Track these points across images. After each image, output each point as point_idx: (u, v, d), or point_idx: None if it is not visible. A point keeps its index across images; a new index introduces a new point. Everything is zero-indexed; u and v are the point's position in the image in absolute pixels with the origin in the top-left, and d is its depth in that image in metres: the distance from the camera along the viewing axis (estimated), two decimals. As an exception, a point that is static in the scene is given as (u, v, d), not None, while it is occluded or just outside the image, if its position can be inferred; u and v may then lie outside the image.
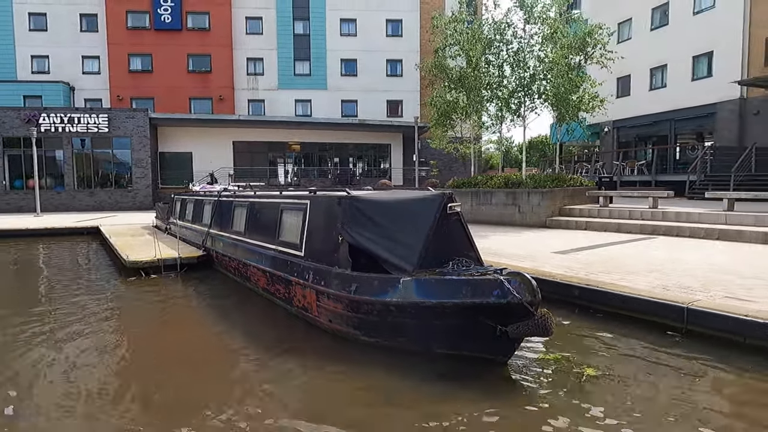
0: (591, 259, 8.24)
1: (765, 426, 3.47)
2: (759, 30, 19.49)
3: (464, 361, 4.38)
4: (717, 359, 4.55)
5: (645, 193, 13.47)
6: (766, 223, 10.25)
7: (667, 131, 24.43)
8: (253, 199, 8.00)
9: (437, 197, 4.82)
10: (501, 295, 3.99)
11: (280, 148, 31.45)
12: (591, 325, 5.72)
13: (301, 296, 5.77)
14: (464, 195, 15.51)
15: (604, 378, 4.20)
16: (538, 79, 14.24)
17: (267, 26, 32.78)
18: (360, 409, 3.84)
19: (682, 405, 3.77)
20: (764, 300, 5.34)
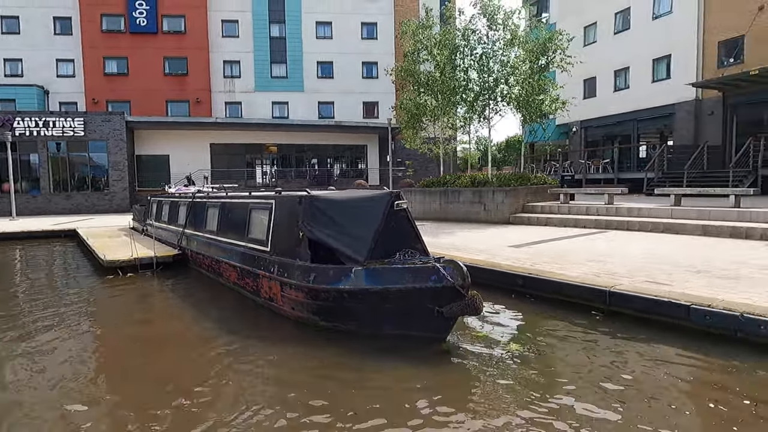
0: (541, 252, 8.94)
1: (659, 382, 4.11)
2: (712, 35, 20.57)
3: (409, 340, 4.98)
4: (628, 334, 5.23)
5: (601, 190, 14.28)
6: (706, 217, 11.08)
7: (630, 131, 25.49)
8: (225, 200, 8.50)
9: (385, 196, 5.41)
10: (437, 280, 4.61)
11: (258, 150, 31.78)
12: (526, 308, 6.39)
13: (267, 288, 6.31)
14: (433, 194, 16.18)
15: (526, 352, 4.84)
16: (501, 83, 14.95)
17: (243, 29, 33.05)
18: (319, 383, 4.39)
19: (591, 370, 4.43)
20: (678, 283, 6.06)
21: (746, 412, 3.60)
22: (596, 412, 3.63)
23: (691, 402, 3.81)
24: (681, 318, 5.16)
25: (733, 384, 4.05)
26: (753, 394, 3.86)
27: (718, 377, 4.20)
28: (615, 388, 4.02)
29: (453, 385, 4.23)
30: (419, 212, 16.59)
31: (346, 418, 3.63)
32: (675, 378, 4.19)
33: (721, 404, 3.71)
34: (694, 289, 5.72)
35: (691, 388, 4.05)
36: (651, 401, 3.77)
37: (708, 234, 10.23)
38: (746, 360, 4.42)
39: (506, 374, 4.36)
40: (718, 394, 3.89)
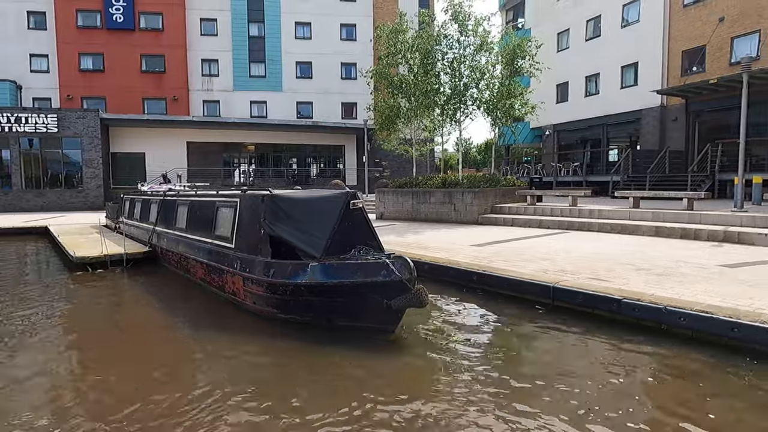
0: (500, 250, 9.35)
1: (587, 368, 4.50)
2: (676, 44, 21.36)
3: (361, 332, 5.30)
4: (565, 325, 5.63)
5: (566, 192, 14.80)
6: (660, 219, 11.64)
7: (600, 135, 26.25)
8: (194, 198, 8.70)
9: (342, 195, 5.72)
10: (386, 274, 4.94)
11: (236, 149, 31.78)
12: (476, 302, 6.77)
13: (231, 283, 6.57)
14: (405, 194, 16.54)
15: (467, 342, 5.20)
16: (471, 87, 15.38)
17: (222, 28, 33.00)
18: (277, 372, 4.69)
19: (524, 358, 4.81)
20: (618, 280, 6.49)
21: (651, 388, 4.01)
22: (524, 392, 3.99)
23: (611, 384, 4.20)
24: (614, 311, 5.59)
25: (642, 364, 4.47)
26: (661, 376, 4.28)
27: (637, 362, 4.61)
28: (542, 372, 4.40)
29: (399, 371, 4.56)
30: (392, 212, 16.95)
31: (299, 401, 3.93)
32: (600, 363, 4.59)
33: (630, 385, 4.11)
34: (630, 285, 6.16)
35: (613, 371, 4.44)
36: (577, 383, 4.15)
37: (660, 235, 10.76)
38: (662, 347, 4.84)
39: (447, 361, 4.71)
40: (632, 377, 4.29)
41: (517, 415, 3.63)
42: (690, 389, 4.09)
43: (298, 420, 3.60)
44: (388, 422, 3.54)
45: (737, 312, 4.80)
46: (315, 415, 3.66)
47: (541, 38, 28.98)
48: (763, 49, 17.82)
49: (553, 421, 3.50)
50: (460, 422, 3.54)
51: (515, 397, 3.93)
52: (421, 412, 3.68)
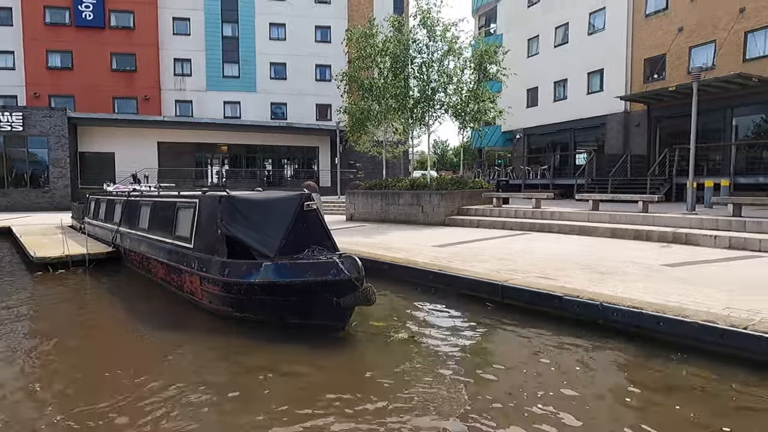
0: (460, 251, 9.62)
1: (526, 359, 4.76)
2: (639, 52, 22.10)
3: (312, 329, 5.47)
4: (511, 321, 5.91)
5: (530, 195, 15.21)
6: (616, 221, 12.09)
7: (569, 139, 26.93)
8: (156, 199, 8.75)
9: (296, 197, 5.89)
10: (336, 273, 5.12)
11: (208, 150, 31.54)
12: (431, 300, 7.01)
13: (189, 283, 6.67)
14: (375, 196, 16.75)
15: (412, 338, 5.41)
16: (439, 91, 15.69)
17: (195, 27, 32.73)
18: (229, 369, 4.82)
19: (464, 351, 5.05)
20: (564, 278, 6.80)
21: (576, 377, 4.28)
22: (467, 382, 4.23)
23: (540, 372, 4.46)
24: (556, 308, 5.88)
25: (573, 356, 4.75)
26: (590, 366, 4.57)
27: (569, 354, 4.90)
28: (478, 362, 4.65)
29: (345, 367, 4.75)
30: (362, 213, 17.14)
31: (250, 397, 4.09)
32: (533, 354, 4.86)
33: (557, 374, 4.39)
34: (574, 283, 6.47)
35: (543, 361, 4.71)
36: (516, 372, 4.40)
37: (615, 236, 11.19)
38: (593, 339, 5.14)
39: (394, 356, 4.92)
40: (561, 367, 4.57)
41: (451, 402, 3.85)
42: (611, 378, 4.38)
43: (248, 416, 3.75)
44: (333, 416, 3.71)
45: (664, 307, 5.13)
46: (264, 410, 3.81)
47: (512, 44, 29.76)
48: (719, 58, 18.60)
49: (482, 405, 3.74)
50: (400, 413, 3.75)
51: (450, 385, 4.16)
52: (364, 405, 3.88)
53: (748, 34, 17.71)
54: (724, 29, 18.21)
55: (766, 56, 17.15)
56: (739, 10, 17.72)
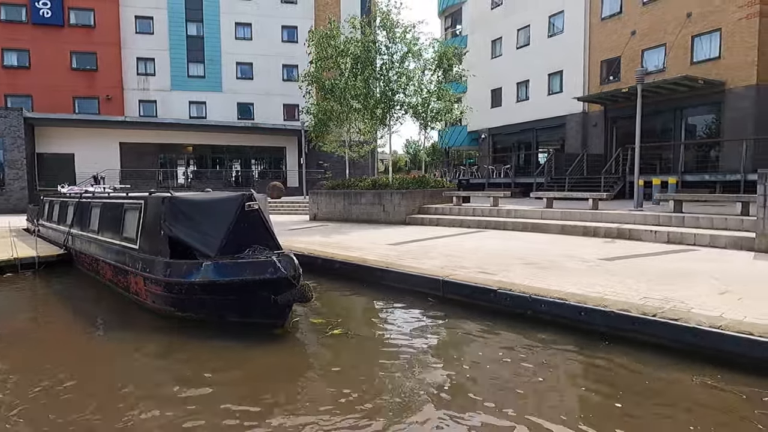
0: (413, 248, 9.83)
1: (461, 349, 4.98)
2: (596, 54, 22.81)
3: (252, 327, 5.58)
4: (448, 314, 6.13)
5: (488, 194, 15.57)
6: (567, 218, 12.50)
7: (531, 139, 27.57)
8: (106, 200, 8.69)
9: (237, 197, 5.99)
10: (273, 272, 5.25)
11: (173, 150, 31.08)
12: (377, 296, 7.20)
13: (134, 283, 6.69)
14: (337, 196, 16.87)
15: (346, 334, 5.55)
16: (399, 92, 15.92)
17: (158, 26, 32.18)
18: (173, 366, 4.91)
19: (397, 343, 5.24)
20: (503, 273, 7.06)
21: (502, 364, 4.53)
22: (403, 371, 4.41)
23: (467, 359, 4.69)
24: (491, 301, 6.13)
25: (498, 344, 5.01)
26: (516, 354, 4.82)
27: (495, 343, 5.15)
28: (413, 353, 4.85)
29: (281, 362, 4.89)
30: (325, 213, 17.24)
31: (189, 391, 4.20)
32: (463, 343, 5.10)
33: (484, 361, 4.63)
34: (512, 277, 6.73)
35: (471, 349, 4.94)
36: (446, 362, 4.61)
37: (565, 233, 11.59)
38: (523, 329, 5.40)
39: (331, 350, 5.09)
40: (487, 355, 4.82)
41: (382, 392, 4.04)
42: (532, 365, 4.63)
43: (186, 411, 3.84)
44: (267, 411, 3.84)
45: (586, 298, 5.43)
46: (203, 406, 3.92)
47: (476, 45, 30.33)
48: (669, 61, 19.35)
49: (410, 395, 3.93)
50: (330, 406, 3.91)
51: (380, 376, 4.34)
52: (295, 400, 4.03)
53: (694, 38, 18.49)
54: (673, 33, 18.97)
55: (711, 59, 17.94)
56: (686, 14, 18.48)
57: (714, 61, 17.87)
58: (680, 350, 4.50)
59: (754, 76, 16.61)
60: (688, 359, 4.40)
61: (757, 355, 4.10)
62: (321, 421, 3.56)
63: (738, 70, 17.04)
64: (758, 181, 8.54)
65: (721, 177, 15.97)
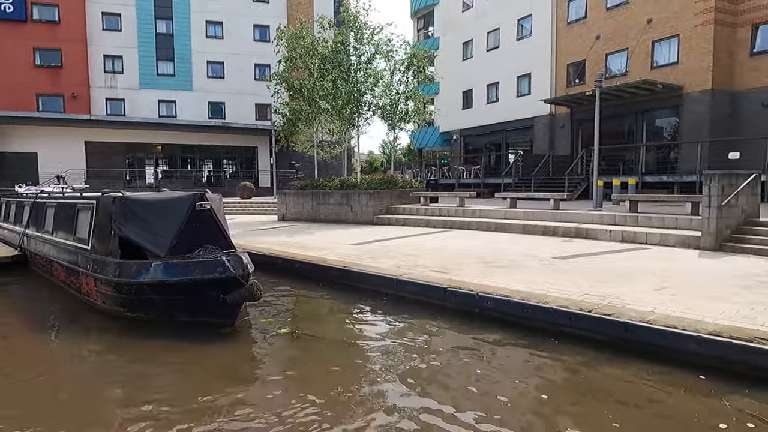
0: (375, 248, 9.93)
1: (407, 346, 5.08)
2: (562, 57, 23.30)
3: (201, 326, 5.59)
4: (399, 312, 6.25)
5: (454, 194, 15.78)
6: (529, 218, 12.75)
7: (501, 140, 27.99)
8: (61, 200, 8.55)
9: (188, 197, 5.98)
10: (222, 271, 5.28)
11: (141, 150, 30.56)
12: (332, 295, 7.26)
13: (85, 284, 6.61)
14: (306, 196, 16.87)
15: (292, 333, 5.60)
16: (366, 93, 16.00)
17: (126, 23, 31.59)
18: (124, 368, 4.87)
19: (344, 340, 5.33)
20: (458, 272, 7.20)
21: (447, 360, 4.65)
22: (344, 369, 4.49)
23: (412, 356, 4.80)
24: (442, 299, 6.27)
25: (445, 341, 5.14)
26: (460, 349, 4.95)
27: (443, 341, 5.28)
28: (356, 349, 4.94)
29: (230, 362, 4.92)
30: (293, 213, 17.21)
31: (143, 390, 4.23)
32: (408, 339, 5.20)
33: (429, 357, 4.74)
34: (465, 276, 6.88)
35: (416, 345, 5.05)
36: (388, 357, 4.71)
37: (527, 232, 11.83)
38: (469, 325, 5.55)
39: (276, 349, 5.14)
40: (433, 352, 4.94)
41: (322, 391, 4.11)
42: (476, 359, 4.77)
43: (134, 411, 3.85)
44: (208, 410, 3.86)
45: (529, 295, 5.60)
46: (150, 405, 3.92)
47: (448, 47, 30.66)
48: (630, 65, 19.91)
49: (350, 389, 4.02)
50: (273, 402, 3.97)
51: (322, 375, 4.42)
52: (237, 399, 4.07)
53: (654, 43, 19.07)
54: (635, 38, 19.52)
55: (669, 64, 18.53)
56: (646, 20, 19.05)
57: (672, 65, 18.46)
58: (614, 344, 4.69)
59: (709, 81, 17.23)
60: (622, 353, 4.58)
61: (679, 347, 4.31)
62: (259, 421, 3.61)
63: (694, 75, 17.65)
64: (704, 182, 8.91)
65: (678, 178, 16.52)
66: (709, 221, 8.73)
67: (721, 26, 17.16)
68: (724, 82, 17.39)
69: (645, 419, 3.63)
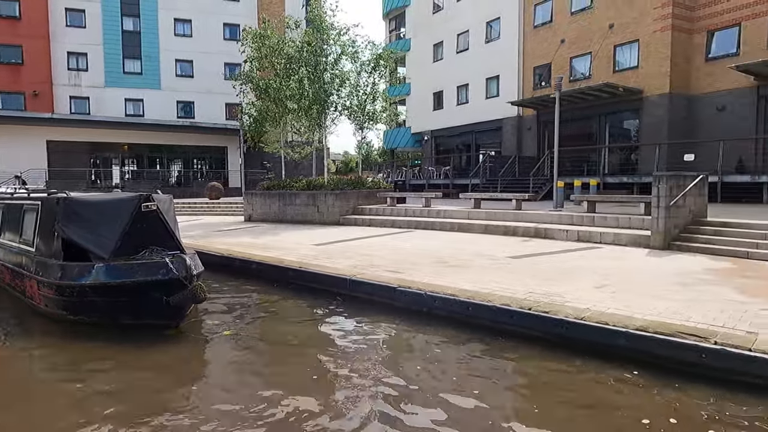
0: (335, 249, 9.94)
1: (358, 345, 5.11)
2: (529, 60, 23.70)
3: (145, 329, 5.51)
4: (351, 312, 6.28)
5: (420, 195, 15.90)
6: (491, 218, 12.91)
7: (471, 141, 28.30)
8: (8, 201, 8.31)
9: (134, 198, 5.89)
10: (165, 273, 5.22)
11: (106, 149, 29.88)
12: (286, 295, 7.25)
13: (29, 287, 6.45)
14: (273, 197, 16.76)
15: (235, 335, 5.59)
16: (332, 93, 15.99)
17: (91, 20, 30.85)
18: (65, 372, 4.78)
19: (290, 341, 5.33)
20: (411, 271, 7.26)
21: (391, 357, 4.70)
22: (283, 369, 4.49)
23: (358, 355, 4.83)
24: (392, 298, 6.32)
25: (389, 340, 5.19)
26: (406, 347, 5.01)
27: (386, 339, 5.33)
28: (298, 349, 4.95)
29: (171, 362, 4.87)
30: (260, 214, 17.08)
31: (83, 393, 4.17)
32: (353, 338, 5.24)
33: (374, 356, 4.79)
34: (417, 276, 6.94)
35: (364, 345, 5.09)
36: (337, 358, 4.73)
37: (488, 232, 11.99)
38: (418, 324, 5.61)
39: (218, 351, 5.11)
40: (377, 351, 4.98)
41: (263, 391, 4.11)
42: (416, 358, 4.83)
43: (74, 414, 3.79)
44: (148, 409, 3.83)
45: (475, 294, 5.70)
46: (88, 408, 3.87)
47: (419, 48, 30.87)
48: (594, 68, 20.38)
49: (289, 380, 4.03)
50: (212, 403, 3.94)
51: (262, 376, 4.41)
52: (174, 401, 4.03)
53: (616, 48, 19.57)
54: (598, 42, 20.00)
55: (630, 68, 19.05)
56: (609, 25, 19.53)
57: (633, 69, 18.98)
58: (553, 341, 4.81)
59: (667, 85, 17.77)
60: (560, 349, 4.69)
61: (610, 343, 4.45)
62: (193, 421, 3.59)
63: (653, 79, 18.17)
64: (653, 183, 9.19)
65: (637, 179, 16.97)
66: (658, 221, 9.01)
67: (679, 32, 17.72)
68: (681, 86, 17.96)
69: (571, 413, 3.74)
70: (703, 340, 4.00)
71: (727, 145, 15.19)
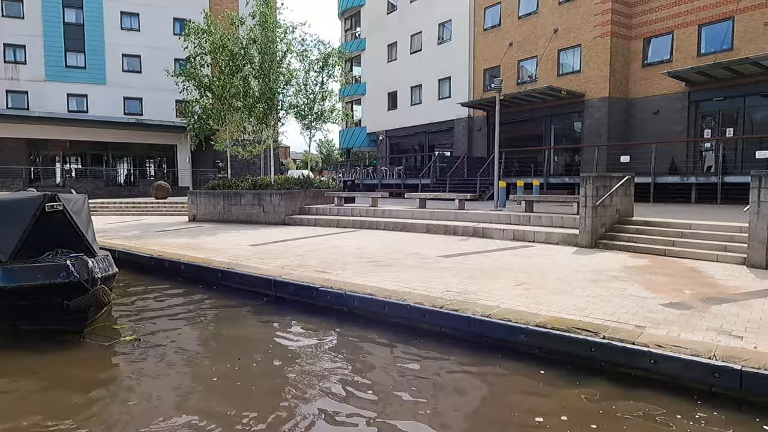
0: (271, 249, 9.79)
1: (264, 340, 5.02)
2: (479, 62, 24.10)
3: (47, 334, 5.26)
4: (272, 313, 6.20)
5: (366, 195, 15.90)
6: (434, 218, 13.03)
7: (424, 141, 28.55)
8: None
9: (37, 198, 5.61)
10: (65, 276, 5.00)
11: (47, 146, 28.53)
12: (211, 297, 7.09)
13: (-74, 293, 6.04)
14: (217, 196, 16.39)
15: (137, 339, 5.39)
16: (278, 92, 15.78)
17: (30, 10, 29.38)
18: None
19: (206, 342, 5.20)
20: (338, 272, 7.23)
21: (297, 354, 4.64)
22: (183, 375, 4.35)
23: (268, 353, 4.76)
24: (314, 298, 6.27)
25: (308, 339, 5.14)
26: (321, 347, 4.96)
27: (306, 339, 5.27)
28: (205, 351, 4.83)
29: (65, 369, 4.66)
30: (204, 214, 16.67)
31: None
32: (274, 342, 5.16)
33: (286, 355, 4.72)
34: (345, 275, 6.92)
35: (278, 343, 5.02)
36: (247, 360, 4.63)
37: (430, 231, 12.09)
38: (337, 323, 5.58)
39: (117, 357, 4.94)
40: (289, 351, 4.92)
41: (162, 396, 3.97)
42: (331, 357, 4.80)
43: None
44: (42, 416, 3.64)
45: (392, 293, 5.72)
46: None
47: (374, 48, 30.89)
48: (539, 72, 20.92)
49: (189, 383, 3.91)
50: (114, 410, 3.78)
51: (162, 380, 4.28)
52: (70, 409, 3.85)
53: (560, 52, 20.15)
54: (543, 47, 20.53)
55: (573, 72, 19.66)
56: (553, 30, 20.08)
57: (576, 74, 19.59)
58: (463, 339, 4.87)
59: (607, 89, 18.43)
60: (469, 347, 4.75)
61: (512, 339, 4.55)
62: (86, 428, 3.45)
63: (594, 83, 18.81)
64: (580, 183, 9.48)
65: (578, 180, 17.48)
66: (585, 220, 9.31)
67: (617, 38, 18.41)
68: (620, 91, 18.66)
69: (468, 408, 3.78)
70: (593, 335, 4.14)
71: (659, 148, 15.87)
